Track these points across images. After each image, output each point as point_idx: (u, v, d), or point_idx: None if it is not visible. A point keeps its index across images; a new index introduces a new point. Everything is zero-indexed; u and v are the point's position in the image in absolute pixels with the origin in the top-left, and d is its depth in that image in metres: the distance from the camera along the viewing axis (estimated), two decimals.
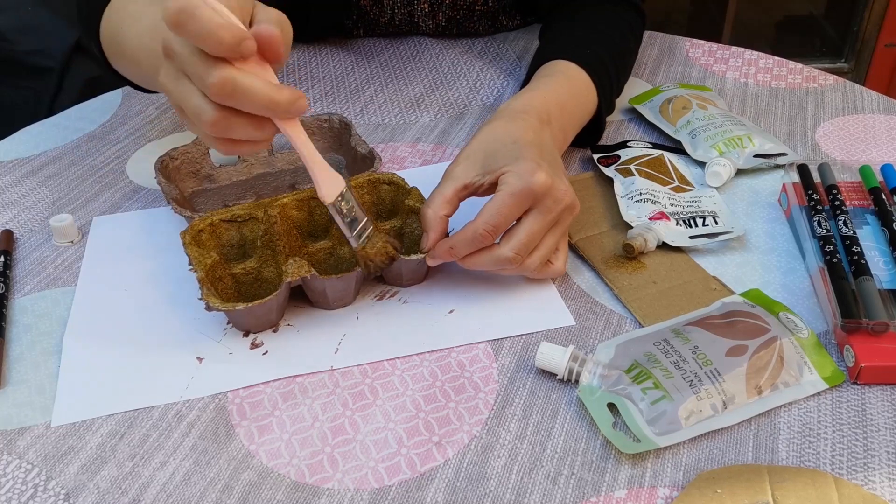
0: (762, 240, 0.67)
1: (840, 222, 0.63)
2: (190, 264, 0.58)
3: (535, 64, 0.76)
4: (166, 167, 0.70)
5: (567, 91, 0.71)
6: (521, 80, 0.83)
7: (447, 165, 0.61)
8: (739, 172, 0.74)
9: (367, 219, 0.55)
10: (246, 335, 0.59)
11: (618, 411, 0.51)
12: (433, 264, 0.60)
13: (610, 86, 0.77)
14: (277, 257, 0.61)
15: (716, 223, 0.66)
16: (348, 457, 0.50)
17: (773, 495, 0.46)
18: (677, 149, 0.77)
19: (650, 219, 0.66)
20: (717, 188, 0.72)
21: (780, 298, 0.60)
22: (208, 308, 0.55)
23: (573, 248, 0.66)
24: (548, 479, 0.48)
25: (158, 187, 0.68)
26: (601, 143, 0.78)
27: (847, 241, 0.61)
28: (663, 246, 0.65)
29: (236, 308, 0.55)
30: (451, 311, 0.60)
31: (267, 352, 0.58)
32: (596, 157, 0.75)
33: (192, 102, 0.48)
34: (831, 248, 0.60)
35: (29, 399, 0.55)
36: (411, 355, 0.57)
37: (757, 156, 0.74)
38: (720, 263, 0.64)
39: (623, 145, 0.77)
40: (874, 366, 0.53)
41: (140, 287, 0.64)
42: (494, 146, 0.59)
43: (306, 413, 0.53)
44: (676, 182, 0.72)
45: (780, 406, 0.52)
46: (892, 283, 0.58)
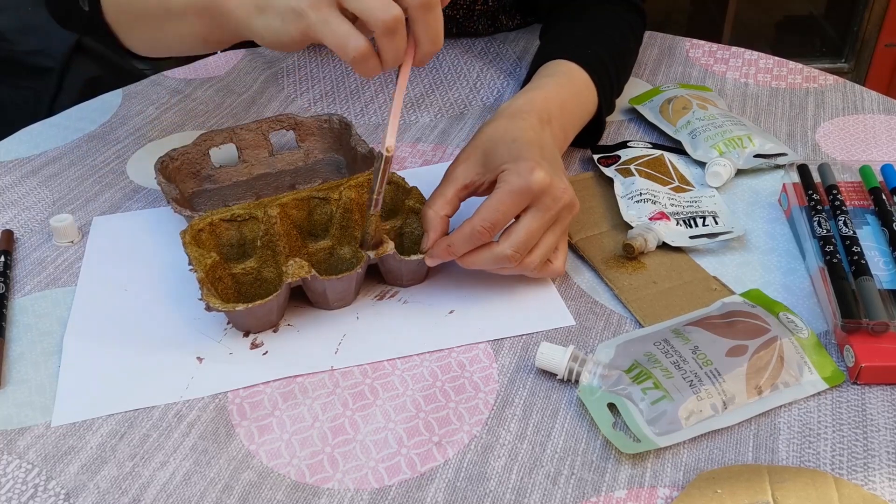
0: (762, 240, 0.67)
1: (840, 222, 0.63)
2: (190, 264, 0.58)
3: (535, 64, 0.76)
4: (166, 167, 0.70)
5: (568, 91, 0.71)
6: (522, 80, 0.83)
7: (447, 165, 0.61)
8: (739, 172, 0.74)
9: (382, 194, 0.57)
10: (246, 335, 0.59)
11: (618, 411, 0.51)
12: (432, 264, 0.60)
13: (610, 86, 0.77)
14: (277, 257, 0.61)
15: (716, 223, 0.66)
16: (348, 457, 0.50)
17: (774, 495, 0.46)
18: (677, 149, 0.77)
19: (650, 219, 0.66)
20: (717, 188, 0.72)
21: (781, 298, 0.60)
22: (208, 308, 0.55)
23: (573, 248, 0.66)
24: (548, 479, 0.48)
25: (158, 187, 0.68)
26: (601, 144, 0.78)
27: (847, 242, 0.61)
28: (663, 246, 0.65)
29: (236, 308, 0.55)
30: (451, 312, 0.60)
31: (267, 352, 0.58)
32: (596, 157, 0.75)
33: (342, 30, 0.51)
34: (831, 248, 0.60)
35: (29, 399, 0.55)
36: (411, 355, 0.57)
37: (757, 156, 0.74)
38: (720, 263, 0.64)
39: (623, 145, 0.77)
40: (874, 366, 0.53)
41: (140, 287, 0.64)
42: (494, 145, 0.59)
43: (306, 413, 0.53)
44: (676, 182, 0.72)
45: (781, 406, 0.52)
46: (892, 284, 0.58)
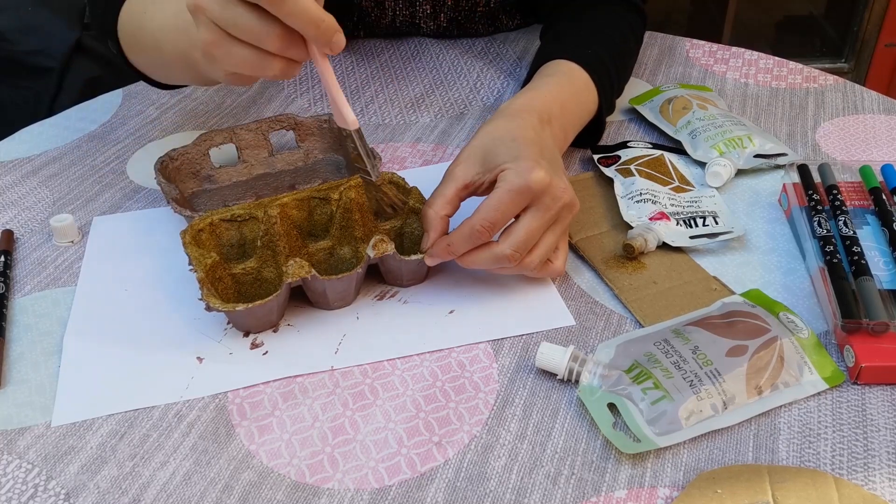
0: (762, 240, 0.67)
1: (840, 222, 0.63)
2: (190, 264, 0.58)
3: (535, 64, 0.76)
4: (166, 168, 0.70)
5: (568, 91, 0.71)
6: (522, 80, 0.83)
7: (447, 165, 0.61)
8: (740, 172, 0.74)
9: (378, 157, 0.55)
10: (246, 335, 0.59)
11: (618, 411, 0.51)
12: (432, 264, 0.60)
13: (610, 86, 0.77)
14: (277, 257, 0.61)
15: (716, 223, 0.66)
16: (348, 457, 0.50)
17: (774, 495, 0.46)
18: (677, 149, 0.77)
19: (650, 219, 0.66)
20: (717, 188, 0.72)
21: (781, 298, 0.60)
22: (208, 308, 0.55)
23: (573, 248, 0.66)
24: (548, 479, 0.48)
25: (158, 187, 0.68)
26: (601, 144, 0.78)
27: (847, 242, 0.61)
28: (663, 246, 0.65)
29: (236, 308, 0.55)
30: (451, 312, 0.60)
31: (267, 352, 0.58)
32: (596, 157, 0.75)
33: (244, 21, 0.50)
34: (831, 248, 0.60)
35: (29, 399, 0.55)
36: (411, 355, 0.57)
37: (757, 156, 0.74)
38: (720, 263, 0.64)
39: (623, 145, 0.77)
40: (874, 366, 0.53)
41: (140, 287, 0.64)
42: (494, 144, 0.59)
43: (306, 413, 0.53)
44: (677, 182, 0.71)
45: (781, 406, 0.52)
46: (892, 284, 0.58)
